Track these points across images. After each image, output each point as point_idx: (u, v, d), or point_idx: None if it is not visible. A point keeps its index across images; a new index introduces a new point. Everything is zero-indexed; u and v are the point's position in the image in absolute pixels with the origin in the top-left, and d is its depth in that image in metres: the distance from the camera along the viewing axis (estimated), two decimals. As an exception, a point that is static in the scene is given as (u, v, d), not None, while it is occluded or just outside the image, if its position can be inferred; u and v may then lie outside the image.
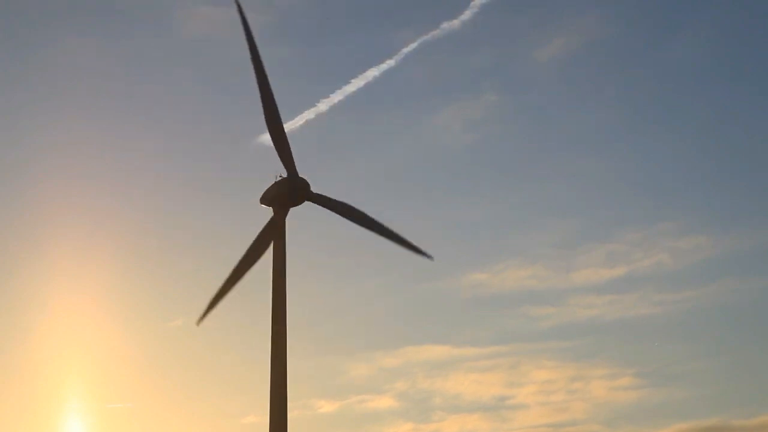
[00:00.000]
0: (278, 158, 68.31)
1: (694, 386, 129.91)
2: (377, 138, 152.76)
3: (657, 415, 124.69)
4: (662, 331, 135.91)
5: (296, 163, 68.77)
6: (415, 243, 69.99)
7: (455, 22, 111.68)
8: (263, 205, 69.35)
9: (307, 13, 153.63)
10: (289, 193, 67.98)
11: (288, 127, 71.96)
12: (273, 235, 68.12)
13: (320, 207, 69.53)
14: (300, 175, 68.70)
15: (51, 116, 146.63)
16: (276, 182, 68.84)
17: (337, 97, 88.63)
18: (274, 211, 68.66)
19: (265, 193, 69.06)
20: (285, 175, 68.35)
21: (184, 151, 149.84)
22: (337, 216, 69.78)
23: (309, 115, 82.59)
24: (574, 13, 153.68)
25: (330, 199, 69.49)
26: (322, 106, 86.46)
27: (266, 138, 68.27)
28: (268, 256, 68.06)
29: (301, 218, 69.86)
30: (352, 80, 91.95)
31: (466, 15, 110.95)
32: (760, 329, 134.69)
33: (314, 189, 69.27)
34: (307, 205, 69.44)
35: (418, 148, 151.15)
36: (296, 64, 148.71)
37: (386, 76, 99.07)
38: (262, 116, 67.38)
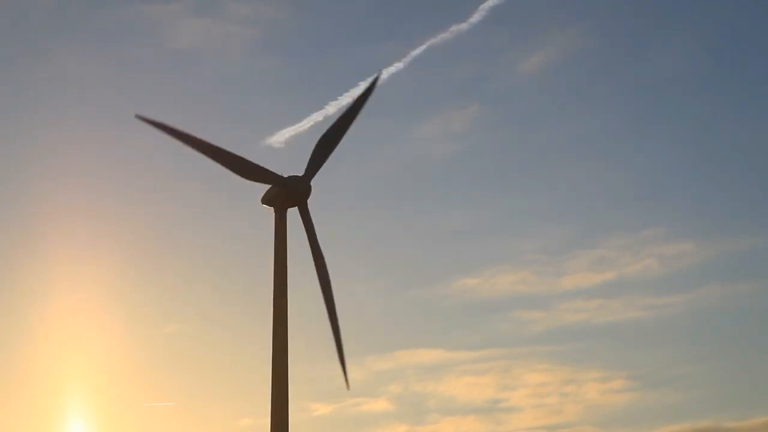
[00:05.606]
0: (285, 161, 68.91)
1: (686, 389, 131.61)
2: (371, 144, 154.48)
3: (650, 417, 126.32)
4: (651, 335, 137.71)
5: (297, 169, 68.89)
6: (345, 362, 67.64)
7: (451, 31, 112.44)
8: (264, 205, 69.54)
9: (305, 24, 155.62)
10: (289, 192, 67.92)
11: (294, 129, 73.27)
12: (254, 177, 67.83)
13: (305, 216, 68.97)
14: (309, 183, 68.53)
15: (51, 116, 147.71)
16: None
17: (344, 99, 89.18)
18: (274, 210, 68.89)
19: (266, 193, 69.09)
20: (288, 174, 68.58)
21: (184, 152, 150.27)
22: (334, 218, 70.11)
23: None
24: (559, 23, 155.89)
25: (311, 227, 68.72)
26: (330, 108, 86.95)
27: (269, 140, 69.01)
28: (267, 257, 68.72)
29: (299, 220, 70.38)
30: (360, 83, 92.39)
31: (460, 26, 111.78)
32: (749, 332, 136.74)
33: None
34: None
35: (409, 156, 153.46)
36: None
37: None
38: (262, 119, 68.40)
